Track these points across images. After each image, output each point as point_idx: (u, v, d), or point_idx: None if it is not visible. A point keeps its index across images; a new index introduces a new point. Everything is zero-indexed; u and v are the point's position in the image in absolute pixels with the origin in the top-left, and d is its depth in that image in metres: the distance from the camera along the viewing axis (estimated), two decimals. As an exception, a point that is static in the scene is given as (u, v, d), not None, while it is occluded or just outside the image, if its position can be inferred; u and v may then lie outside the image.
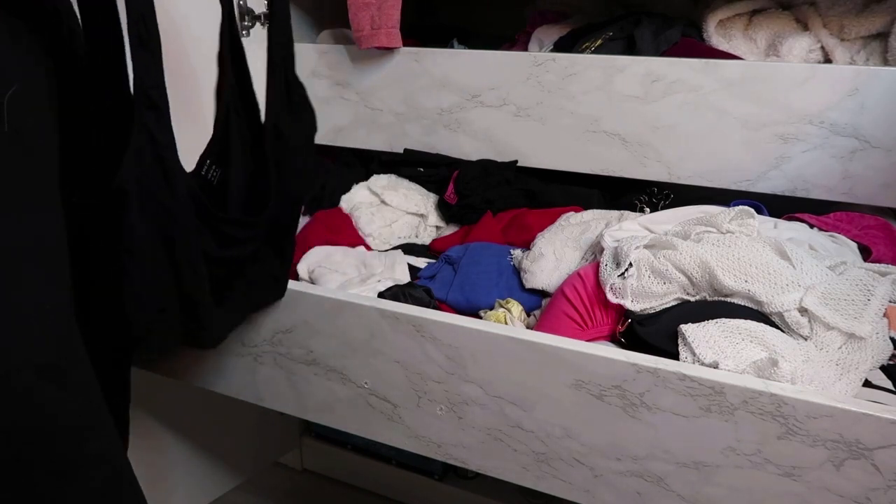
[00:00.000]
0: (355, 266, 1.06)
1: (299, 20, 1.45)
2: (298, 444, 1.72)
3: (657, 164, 1.11)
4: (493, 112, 1.20)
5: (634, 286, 0.84)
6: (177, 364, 1.03)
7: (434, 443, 0.87)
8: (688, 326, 0.77)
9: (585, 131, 1.14)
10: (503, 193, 1.18)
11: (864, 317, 0.76)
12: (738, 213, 0.88)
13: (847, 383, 0.74)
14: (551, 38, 1.26)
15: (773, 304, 0.79)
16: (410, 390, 0.85)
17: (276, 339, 0.92)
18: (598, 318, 0.87)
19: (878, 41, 1.08)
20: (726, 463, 0.71)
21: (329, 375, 0.91)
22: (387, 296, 0.93)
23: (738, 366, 0.72)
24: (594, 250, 0.97)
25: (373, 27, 1.21)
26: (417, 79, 1.24)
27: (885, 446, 0.64)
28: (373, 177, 1.28)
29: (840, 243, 0.95)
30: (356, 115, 1.32)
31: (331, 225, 1.18)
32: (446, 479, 1.57)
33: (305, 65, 1.33)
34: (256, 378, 0.97)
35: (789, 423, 0.66)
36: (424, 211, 1.25)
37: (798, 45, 1.08)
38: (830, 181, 1.02)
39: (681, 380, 0.70)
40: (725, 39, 1.14)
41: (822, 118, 0.99)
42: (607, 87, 1.10)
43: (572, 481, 0.80)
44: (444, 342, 0.80)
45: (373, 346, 0.86)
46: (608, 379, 0.73)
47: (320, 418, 0.95)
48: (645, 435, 0.74)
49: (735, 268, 0.82)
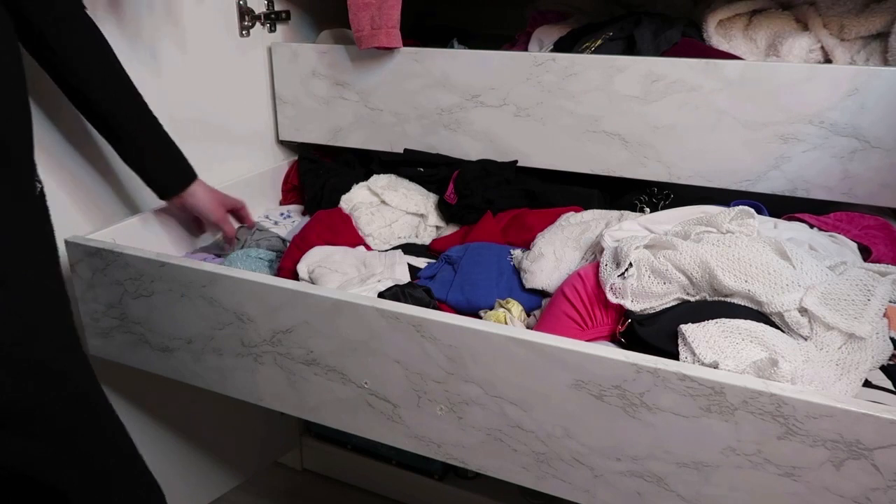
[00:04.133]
0: (355, 266, 1.06)
1: (299, 20, 1.45)
2: (298, 444, 1.72)
3: (657, 164, 1.11)
4: (493, 112, 1.20)
5: (634, 286, 0.84)
6: (177, 364, 1.03)
7: (434, 443, 0.87)
8: (688, 326, 0.76)
9: (585, 131, 1.14)
10: (503, 193, 1.18)
11: (864, 317, 0.76)
12: (738, 213, 0.88)
13: (847, 383, 0.74)
14: (551, 38, 1.26)
15: (773, 304, 0.79)
16: (410, 390, 0.85)
17: (276, 339, 0.92)
18: (598, 318, 0.87)
19: (878, 41, 1.08)
20: (726, 463, 0.71)
21: (329, 375, 0.91)
22: (387, 296, 0.93)
23: (738, 366, 0.72)
24: (594, 250, 0.97)
25: (373, 27, 1.21)
26: (417, 79, 1.24)
27: (885, 446, 0.64)
28: (373, 177, 1.28)
29: (840, 243, 0.95)
30: (356, 115, 1.32)
31: (331, 225, 1.18)
32: (446, 479, 1.57)
33: (305, 65, 1.34)
34: (256, 378, 0.97)
35: (789, 423, 0.66)
36: (424, 211, 1.25)
37: (798, 45, 1.08)
38: (830, 181, 1.02)
39: (681, 380, 0.70)
40: (725, 39, 1.14)
41: (822, 118, 0.99)
42: (607, 87, 1.10)
43: (572, 481, 0.80)
44: (444, 342, 0.80)
45: (373, 346, 0.85)
46: (608, 379, 0.73)
47: (320, 418, 0.95)
48: (645, 435, 0.74)
49: (735, 268, 0.82)
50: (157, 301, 1.00)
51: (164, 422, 1.34)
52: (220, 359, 0.99)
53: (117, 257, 1.00)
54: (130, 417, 1.25)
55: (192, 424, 1.41)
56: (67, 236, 1.03)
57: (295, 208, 1.39)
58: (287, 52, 1.35)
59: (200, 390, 1.05)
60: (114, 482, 0.88)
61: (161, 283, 0.98)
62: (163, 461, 1.37)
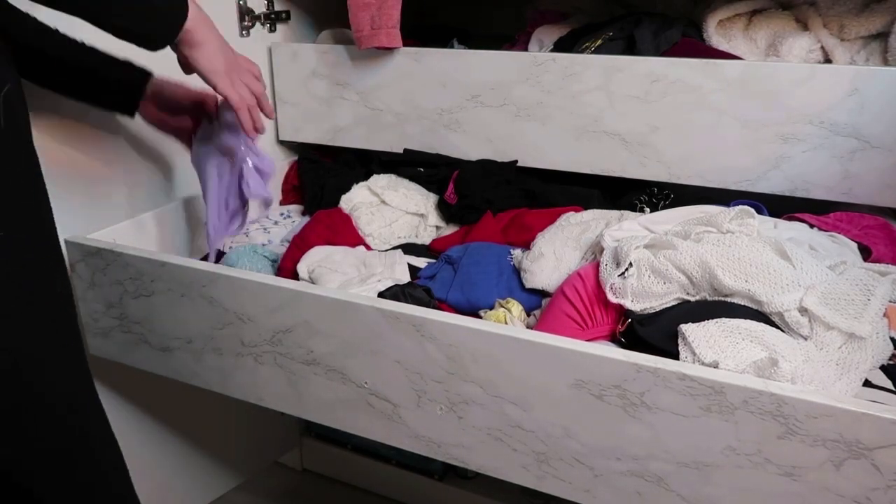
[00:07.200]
0: (355, 266, 1.06)
1: (299, 20, 1.45)
2: (298, 444, 1.72)
3: (657, 164, 1.11)
4: (493, 112, 1.20)
5: (634, 286, 0.84)
6: (177, 364, 1.03)
7: (434, 443, 0.87)
8: (688, 326, 0.76)
9: (585, 131, 1.14)
10: (503, 193, 1.18)
11: (864, 317, 0.76)
12: (738, 213, 0.88)
13: (847, 383, 0.74)
14: (551, 38, 1.26)
15: (773, 303, 0.79)
16: (410, 390, 0.85)
17: (276, 339, 0.92)
18: (598, 318, 0.87)
19: (878, 41, 1.08)
20: (726, 463, 0.71)
21: (329, 375, 0.91)
22: (387, 296, 0.93)
23: (738, 366, 0.72)
24: (594, 250, 0.97)
25: (373, 27, 1.21)
26: (417, 79, 1.24)
27: (885, 446, 0.64)
28: (373, 177, 1.28)
29: (840, 243, 0.95)
30: (356, 115, 1.32)
31: (331, 225, 1.18)
32: (446, 479, 1.57)
33: (305, 65, 1.34)
34: (256, 378, 0.97)
35: (789, 422, 0.66)
36: (424, 211, 1.25)
37: (798, 45, 1.08)
38: (830, 181, 1.02)
39: (681, 379, 0.70)
40: (725, 39, 1.14)
41: (822, 118, 0.99)
42: (607, 87, 1.10)
43: (572, 481, 0.80)
44: (444, 342, 0.80)
45: (373, 346, 0.85)
46: (608, 379, 0.73)
47: (320, 418, 0.95)
48: (645, 435, 0.74)
49: (735, 268, 0.82)
50: (157, 301, 1.00)
51: (164, 422, 1.34)
52: (220, 359, 0.99)
53: (117, 257, 1.00)
54: (130, 417, 1.26)
55: (192, 424, 1.41)
56: (67, 236, 1.04)
57: (295, 208, 1.39)
58: (287, 52, 1.35)
59: (200, 390, 1.05)
60: None
61: (161, 283, 0.98)
62: (163, 461, 1.37)
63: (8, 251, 0.74)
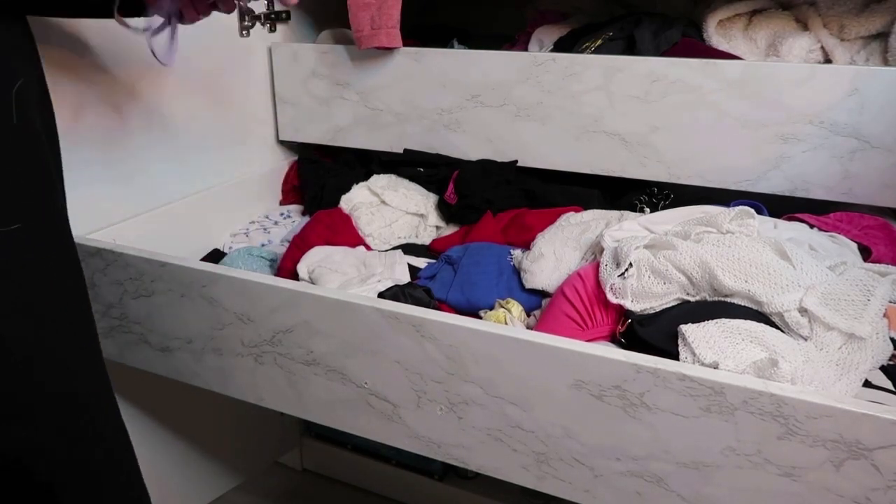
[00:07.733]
0: (355, 266, 1.06)
1: (299, 20, 1.45)
2: (298, 444, 1.72)
3: (657, 164, 1.11)
4: (493, 112, 1.20)
5: (634, 286, 0.84)
6: (177, 364, 1.03)
7: (434, 443, 0.87)
8: (688, 326, 0.76)
9: (585, 131, 1.14)
10: (503, 193, 1.18)
11: (864, 317, 0.76)
12: (738, 213, 0.88)
13: (847, 383, 0.74)
14: (551, 38, 1.26)
15: (773, 304, 0.79)
16: (410, 390, 0.85)
17: (276, 339, 0.92)
18: (598, 319, 0.87)
19: (878, 41, 1.08)
20: (726, 463, 0.71)
21: (329, 375, 0.91)
22: (387, 296, 0.93)
23: (738, 366, 0.72)
24: (594, 250, 0.97)
25: (373, 27, 1.21)
26: (417, 79, 1.24)
27: (885, 446, 0.64)
28: (373, 177, 1.28)
29: (840, 243, 0.95)
30: (356, 115, 1.32)
31: (331, 225, 1.18)
32: (446, 479, 1.57)
33: (305, 65, 1.34)
34: (256, 378, 0.97)
35: (789, 423, 0.66)
36: (424, 211, 1.25)
37: (798, 45, 1.08)
38: (830, 181, 1.02)
39: (681, 380, 0.70)
40: (725, 39, 1.14)
41: (822, 118, 0.99)
42: (607, 87, 1.10)
43: (572, 481, 0.80)
44: (444, 342, 0.80)
45: (373, 346, 0.85)
46: (608, 379, 0.73)
47: (320, 418, 0.95)
48: (645, 435, 0.74)
49: (735, 268, 0.82)
50: (158, 301, 1.00)
51: (164, 422, 1.34)
52: (220, 359, 0.99)
53: (117, 257, 1.00)
54: (130, 417, 1.25)
55: (192, 424, 1.41)
56: (67, 236, 1.03)
57: (295, 208, 1.39)
58: (287, 52, 1.35)
59: (200, 390, 1.05)
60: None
61: (161, 283, 0.98)
62: (163, 461, 1.37)
63: (23, 244, 0.73)
